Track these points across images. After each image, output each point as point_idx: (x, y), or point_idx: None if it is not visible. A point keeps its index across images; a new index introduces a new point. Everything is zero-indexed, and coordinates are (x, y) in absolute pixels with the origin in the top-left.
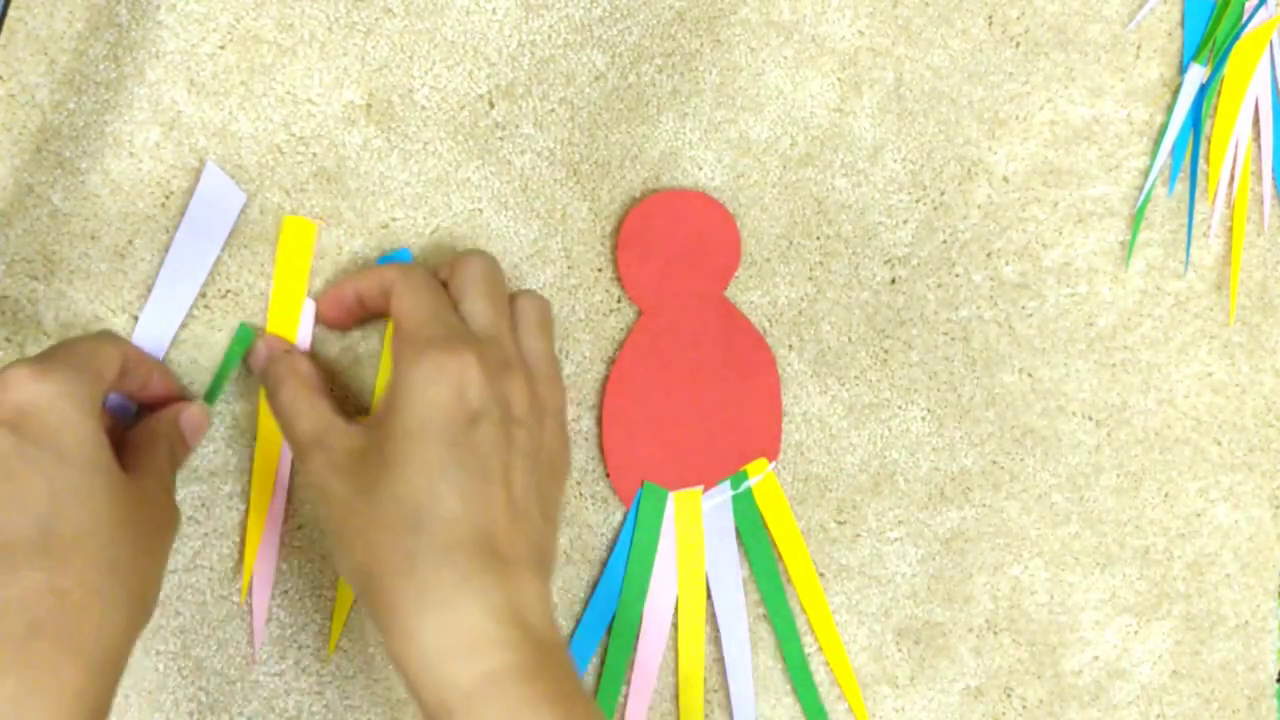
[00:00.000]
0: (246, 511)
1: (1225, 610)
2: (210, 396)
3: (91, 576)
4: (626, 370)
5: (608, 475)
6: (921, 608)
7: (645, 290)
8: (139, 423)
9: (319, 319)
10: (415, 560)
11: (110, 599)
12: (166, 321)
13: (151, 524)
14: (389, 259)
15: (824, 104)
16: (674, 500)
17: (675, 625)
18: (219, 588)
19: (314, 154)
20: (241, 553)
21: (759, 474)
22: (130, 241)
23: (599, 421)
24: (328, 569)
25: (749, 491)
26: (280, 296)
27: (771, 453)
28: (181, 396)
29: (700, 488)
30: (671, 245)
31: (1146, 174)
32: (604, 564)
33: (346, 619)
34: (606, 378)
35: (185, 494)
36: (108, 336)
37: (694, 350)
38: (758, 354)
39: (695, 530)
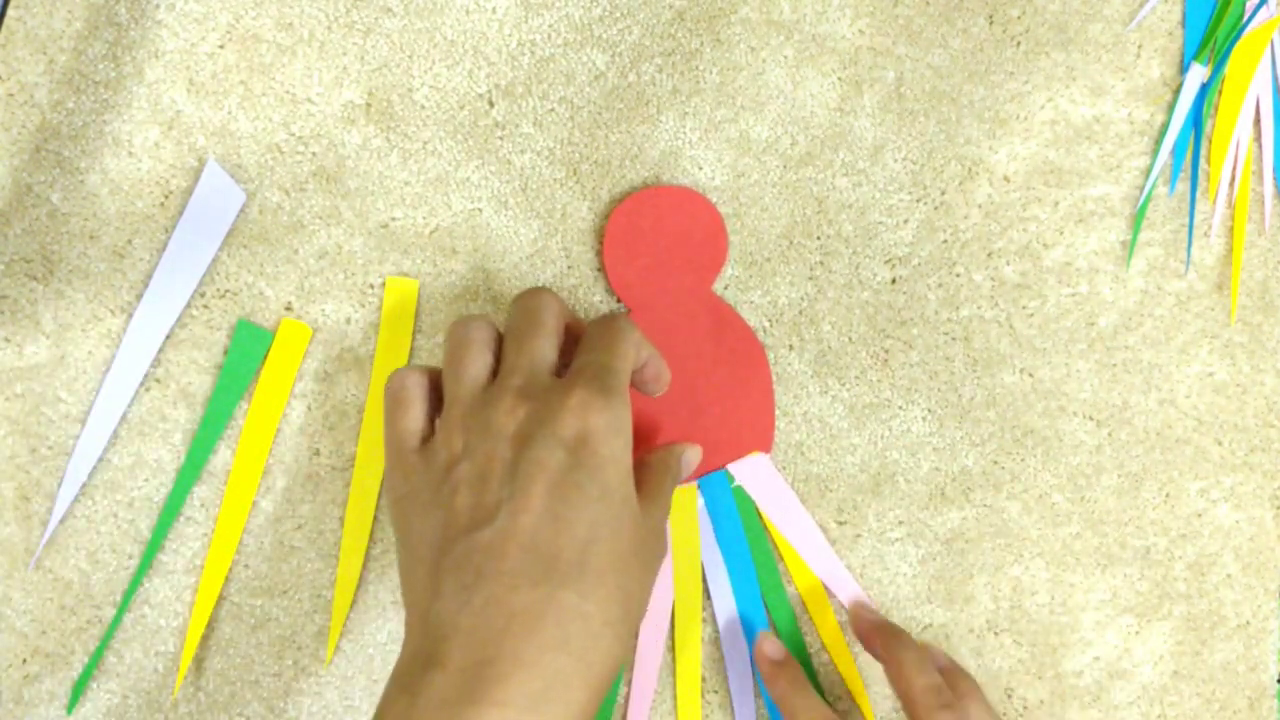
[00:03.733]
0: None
1: (1226, 611)
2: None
3: (610, 607)
4: None
5: None
6: (922, 608)
7: (632, 287)
8: (648, 454)
9: None
10: None
11: (618, 631)
12: (162, 317)
13: (654, 557)
14: None
15: (824, 103)
16: None
17: (673, 624)
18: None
19: (313, 153)
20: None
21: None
22: (129, 241)
23: None
24: (326, 569)
25: (743, 488)
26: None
27: (765, 446)
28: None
29: (695, 484)
30: (657, 242)
31: (1147, 173)
32: None
33: (345, 620)
34: None
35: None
36: (633, 340)
37: (683, 346)
38: (748, 347)
39: (691, 527)
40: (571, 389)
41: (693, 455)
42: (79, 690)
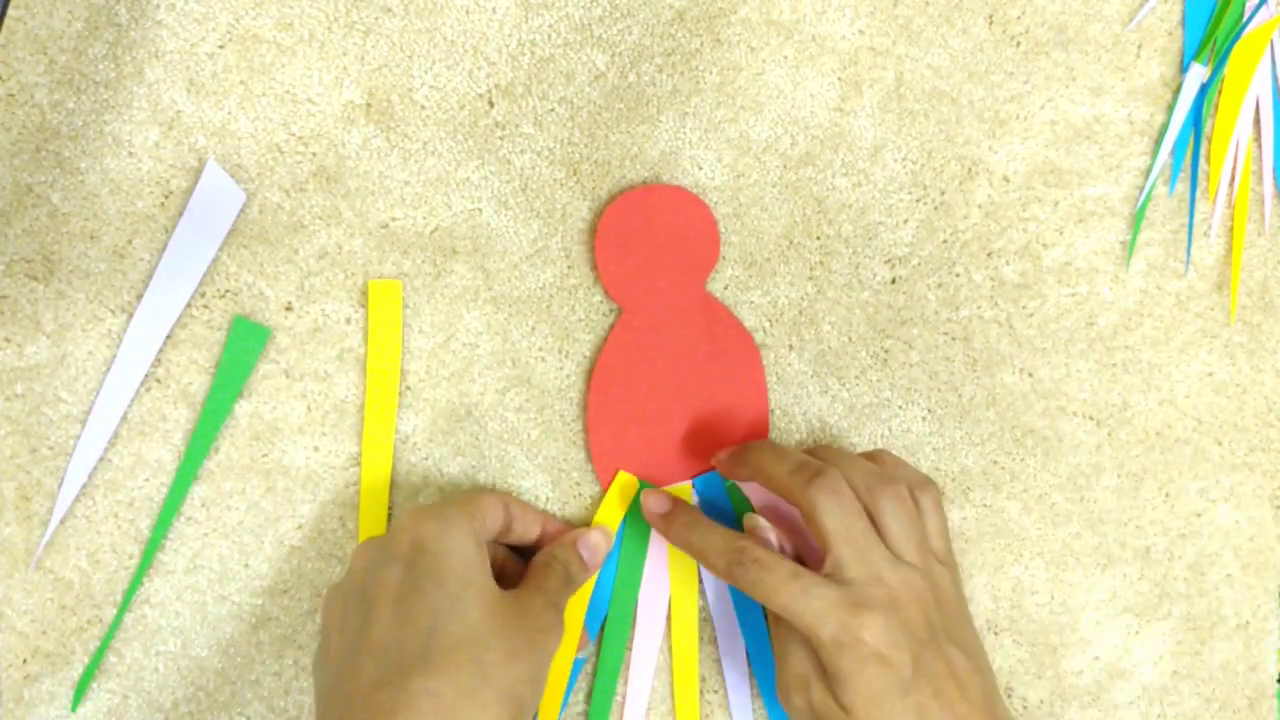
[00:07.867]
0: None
1: (1226, 610)
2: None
3: (463, 679)
4: (608, 369)
5: (596, 475)
6: None
7: (625, 287)
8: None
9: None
10: None
11: (478, 699)
12: (163, 317)
13: (524, 631)
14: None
15: (824, 103)
16: None
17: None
18: (219, 587)
19: (314, 153)
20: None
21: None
22: (129, 241)
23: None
24: (327, 569)
25: (738, 486)
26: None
27: None
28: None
29: (690, 483)
30: (650, 241)
31: (1147, 173)
32: None
33: None
34: (589, 376)
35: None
36: (490, 492)
37: (677, 345)
38: (741, 346)
39: None
40: (404, 516)
41: (592, 539)
42: (82, 688)
